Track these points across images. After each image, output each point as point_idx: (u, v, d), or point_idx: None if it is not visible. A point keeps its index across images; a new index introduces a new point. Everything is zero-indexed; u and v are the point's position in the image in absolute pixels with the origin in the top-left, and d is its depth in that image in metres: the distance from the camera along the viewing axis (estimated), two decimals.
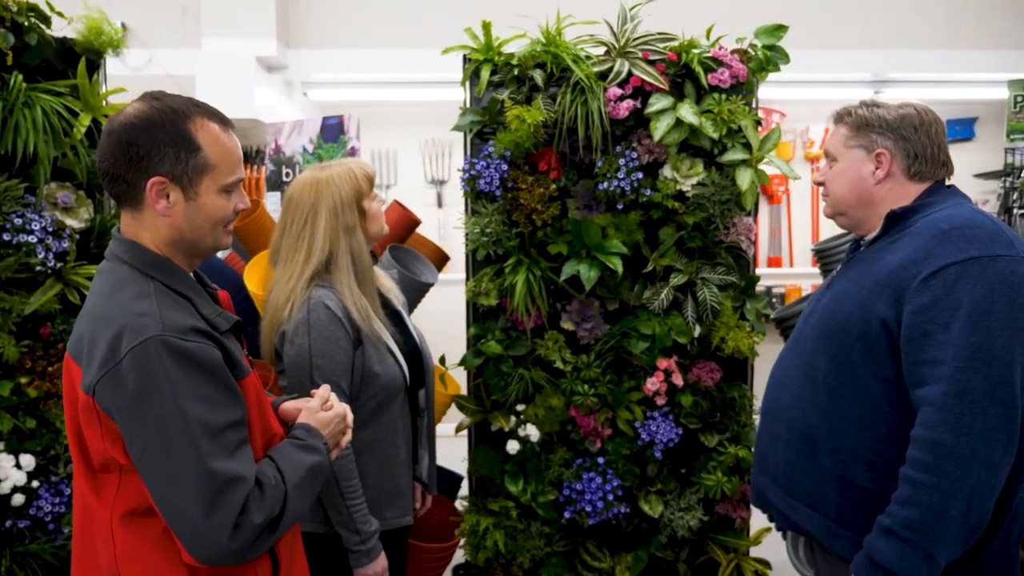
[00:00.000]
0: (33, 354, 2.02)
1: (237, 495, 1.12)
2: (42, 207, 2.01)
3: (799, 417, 1.55)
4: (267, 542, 1.17)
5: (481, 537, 2.41)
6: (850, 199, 1.56)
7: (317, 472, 1.27)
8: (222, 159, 1.20)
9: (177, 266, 1.23)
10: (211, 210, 1.21)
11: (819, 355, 1.52)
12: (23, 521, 1.99)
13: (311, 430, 1.32)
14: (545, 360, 2.43)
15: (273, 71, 4.21)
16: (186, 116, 1.19)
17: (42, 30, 2.05)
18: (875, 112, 1.52)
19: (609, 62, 2.32)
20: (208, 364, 1.14)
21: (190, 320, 1.16)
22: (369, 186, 1.77)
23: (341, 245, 1.70)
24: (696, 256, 2.42)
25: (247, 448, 1.18)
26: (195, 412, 1.11)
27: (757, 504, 1.72)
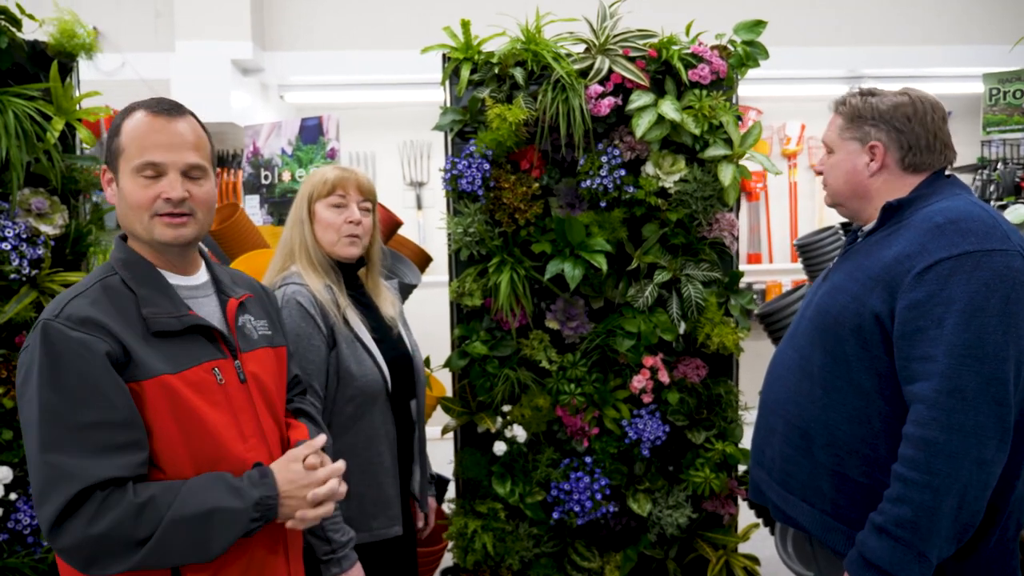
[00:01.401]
0: (8, 364, 1.97)
1: (62, 492, 1.08)
2: (15, 213, 1.96)
3: (794, 411, 1.54)
4: (128, 560, 1.11)
5: (469, 540, 2.39)
6: (846, 191, 1.56)
7: (220, 517, 1.16)
8: (132, 141, 1.22)
9: (144, 263, 1.26)
10: (127, 194, 1.23)
11: (814, 349, 1.51)
12: (1, 535, 1.94)
13: (265, 476, 1.23)
14: (531, 360, 2.42)
15: (249, 74, 4.17)
16: (129, 112, 1.25)
17: (13, 33, 2.01)
18: (869, 102, 1.50)
19: (589, 59, 2.32)
20: (81, 355, 1.12)
21: (93, 312, 1.16)
22: (326, 191, 1.75)
23: (295, 234, 1.77)
24: (680, 253, 2.42)
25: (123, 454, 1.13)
26: (49, 400, 1.11)
27: (754, 498, 1.71)
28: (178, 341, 1.22)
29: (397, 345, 1.84)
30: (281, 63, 4.29)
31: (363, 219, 1.78)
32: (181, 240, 1.25)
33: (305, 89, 4.49)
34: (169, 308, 1.23)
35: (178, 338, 1.22)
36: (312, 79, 4.39)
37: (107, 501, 1.09)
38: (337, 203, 1.75)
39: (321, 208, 1.74)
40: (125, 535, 1.10)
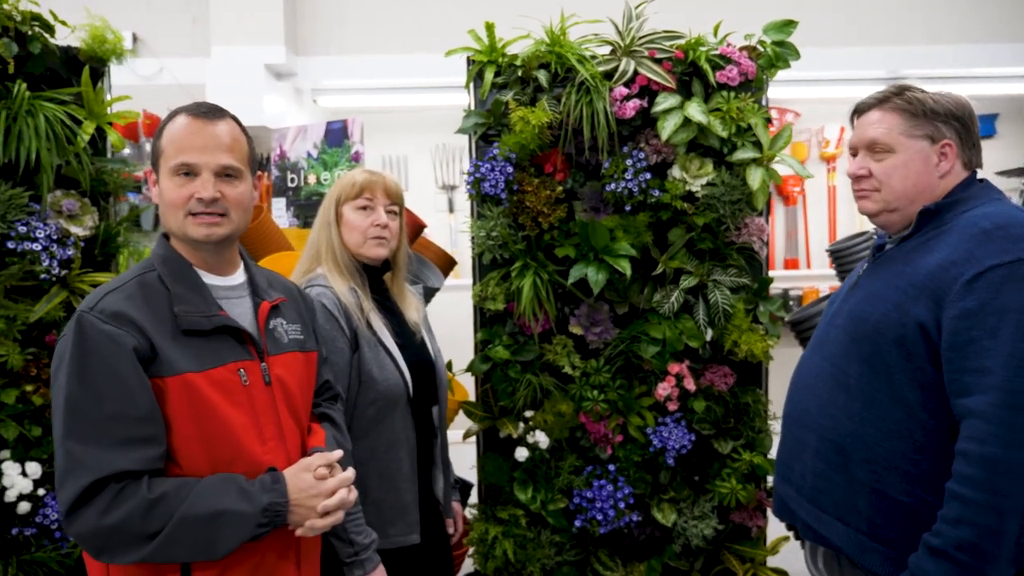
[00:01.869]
0: (38, 362, 2.02)
1: (77, 481, 1.12)
2: (46, 215, 2.01)
3: (828, 424, 1.47)
4: (138, 552, 1.14)
5: (490, 546, 2.37)
6: (911, 194, 1.44)
7: (229, 519, 1.18)
8: (171, 142, 1.27)
9: (181, 261, 1.30)
10: (164, 193, 1.28)
11: (850, 359, 1.44)
12: (29, 529, 1.98)
13: (277, 482, 1.26)
14: (553, 365, 2.39)
15: (282, 78, 4.22)
16: (172, 116, 1.29)
17: (46, 39, 2.06)
18: (933, 98, 1.41)
19: (615, 61, 2.29)
20: (109, 349, 1.16)
21: (126, 307, 1.20)
22: (354, 193, 1.76)
23: (323, 235, 1.77)
24: (707, 258, 2.38)
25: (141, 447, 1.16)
26: (73, 390, 1.15)
27: (780, 515, 1.64)
28: (206, 340, 1.25)
29: (420, 351, 1.83)
30: (314, 67, 4.33)
31: (390, 222, 1.78)
32: (213, 238, 1.28)
33: (338, 93, 4.53)
34: (201, 307, 1.26)
35: (207, 337, 1.25)
36: (344, 83, 4.43)
37: (121, 494, 1.13)
38: (364, 206, 1.76)
39: (348, 211, 1.75)
40: (135, 528, 1.13)
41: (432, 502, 1.90)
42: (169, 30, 4.22)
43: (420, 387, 1.79)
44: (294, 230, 2.62)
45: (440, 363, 1.89)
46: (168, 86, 4.06)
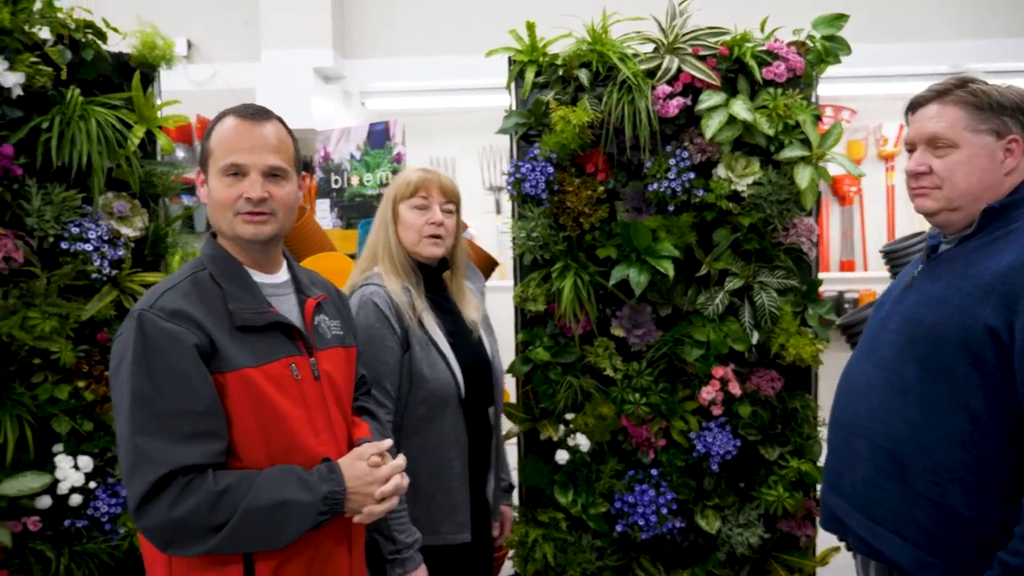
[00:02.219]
0: (90, 359, 2.07)
1: (146, 475, 1.14)
2: (98, 216, 2.07)
3: (883, 432, 1.40)
4: (205, 544, 1.17)
5: (530, 549, 2.35)
6: (976, 191, 1.36)
7: (292, 509, 1.22)
8: (219, 143, 1.29)
9: (232, 260, 1.32)
10: (214, 193, 1.30)
11: (906, 363, 1.37)
12: (81, 521, 2.04)
13: (334, 471, 1.29)
14: (595, 367, 2.36)
15: (330, 81, 4.28)
16: (220, 117, 1.31)
17: (98, 46, 2.12)
18: (999, 91, 1.34)
19: (657, 59, 2.25)
20: (171, 346, 1.19)
21: (185, 305, 1.23)
22: (409, 192, 1.77)
23: (380, 235, 1.79)
24: (753, 259, 2.32)
25: (205, 442, 1.19)
26: (139, 386, 1.17)
27: (829, 528, 1.57)
28: (259, 336, 1.28)
29: (475, 350, 1.83)
30: (361, 70, 4.38)
31: (445, 220, 1.78)
32: (261, 237, 1.31)
33: (386, 95, 4.57)
34: (252, 304, 1.29)
35: (259, 333, 1.28)
36: (391, 85, 4.47)
37: (188, 487, 1.16)
38: (420, 204, 1.76)
39: (404, 209, 1.76)
40: (203, 520, 1.16)
41: (484, 503, 1.89)
42: (221, 36, 4.32)
43: (474, 387, 1.78)
44: (337, 231, 2.65)
45: (497, 364, 1.88)
46: (220, 91, 4.15)
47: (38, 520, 1.99)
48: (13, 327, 1.89)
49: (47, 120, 1.96)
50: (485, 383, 1.83)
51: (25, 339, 1.90)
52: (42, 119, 1.97)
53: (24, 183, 1.98)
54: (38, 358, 1.97)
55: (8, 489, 1.91)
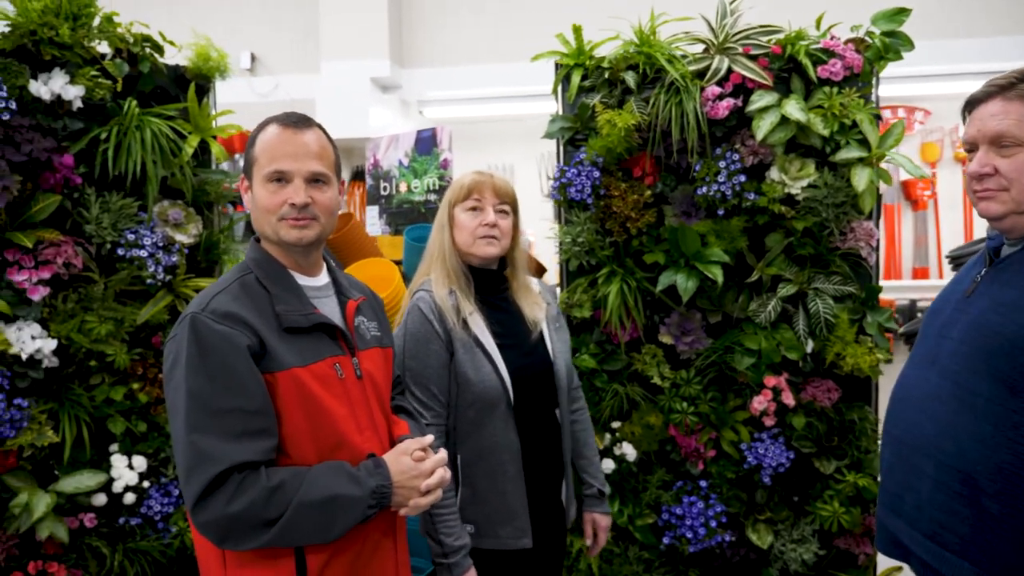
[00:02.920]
0: (145, 362, 2.14)
1: (204, 472, 1.17)
2: (153, 223, 2.14)
3: (952, 451, 1.29)
4: (259, 539, 1.20)
5: (575, 559, 2.31)
6: None
7: (341, 504, 1.25)
8: (263, 151, 1.32)
9: (279, 264, 1.36)
10: (259, 199, 1.33)
11: (978, 376, 1.27)
12: (135, 519, 2.11)
13: (380, 466, 1.32)
14: (642, 375, 2.31)
15: (388, 91, 4.34)
16: (263, 125, 1.35)
17: (155, 59, 2.19)
18: None
19: (707, 60, 2.19)
20: (224, 347, 1.22)
21: (235, 307, 1.26)
22: (464, 194, 1.76)
23: (436, 239, 1.79)
24: (807, 264, 2.23)
25: (256, 439, 1.22)
26: (195, 386, 1.20)
27: (888, 552, 1.47)
28: (305, 337, 1.32)
29: (532, 351, 1.80)
30: (418, 79, 4.43)
31: (499, 221, 1.77)
32: (304, 241, 1.34)
33: (443, 104, 4.60)
34: (298, 306, 1.33)
35: (305, 335, 1.32)
36: (448, 94, 4.50)
37: (243, 483, 1.19)
38: (473, 207, 1.76)
39: (459, 212, 1.76)
40: (257, 515, 1.19)
41: (554, 508, 1.84)
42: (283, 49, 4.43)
43: (529, 389, 1.75)
44: (386, 238, 2.67)
45: (559, 363, 1.84)
46: (282, 102, 4.26)
47: (94, 517, 2.06)
48: (71, 330, 1.97)
49: (105, 131, 2.04)
50: (545, 385, 1.80)
51: (82, 342, 1.98)
52: (100, 130, 2.05)
53: (84, 192, 2.07)
54: (94, 360, 2.05)
55: (65, 486, 1.99)
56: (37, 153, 1.98)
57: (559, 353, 1.84)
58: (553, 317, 1.89)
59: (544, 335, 1.83)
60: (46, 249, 1.99)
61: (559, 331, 1.89)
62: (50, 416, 2.02)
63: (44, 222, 2.02)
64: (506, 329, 1.76)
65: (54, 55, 2.00)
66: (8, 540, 1.99)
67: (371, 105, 4.11)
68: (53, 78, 1.99)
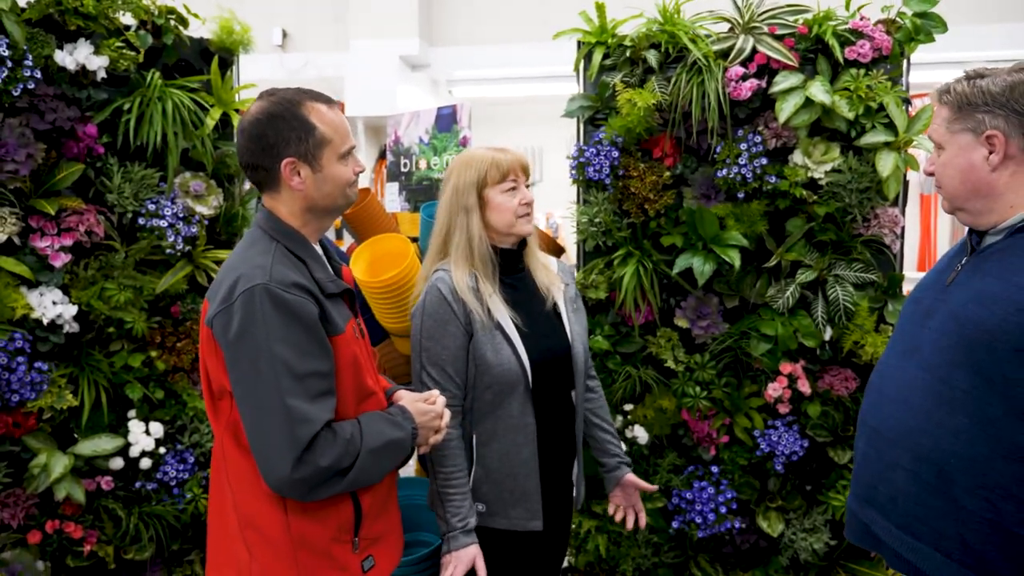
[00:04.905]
0: (163, 330, 2.18)
1: (304, 433, 1.26)
2: (174, 194, 2.16)
3: (928, 443, 1.30)
4: (335, 487, 1.31)
5: (583, 540, 2.32)
6: (963, 191, 1.33)
7: (395, 446, 1.40)
8: (335, 132, 1.40)
9: (301, 235, 1.42)
10: (336, 176, 1.41)
11: (956, 368, 1.27)
12: (151, 484, 2.15)
13: (405, 411, 1.46)
14: (656, 358, 2.29)
15: (417, 69, 4.34)
16: (298, 103, 1.38)
17: (179, 31, 2.21)
18: (978, 86, 1.29)
19: (731, 39, 2.15)
20: (302, 315, 1.30)
21: (296, 277, 1.33)
22: (500, 176, 1.74)
23: (457, 223, 1.74)
24: (828, 251, 2.19)
25: (328, 398, 1.33)
26: (282, 353, 1.27)
27: (860, 541, 1.48)
28: (335, 302, 1.42)
29: (551, 333, 1.79)
30: (448, 58, 4.41)
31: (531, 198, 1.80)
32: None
33: (472, 83, 4.59)
34: (327, 273, 1.43)
35: (334, 299, 1.42)
36: (478, 73, 4.48)
37: (328, 439, 1.30)
38: (511, 187, 1.75)
39: (495, 194, 1.73)
40: (338, 465, 1.31)
41: (564, 490, 1.84)
42: (314, 26, 4.44)
43: (548, 371, 1.75)
44: (406, 214, 2.68)
45: (577, 345, 1.82)
46: (312, 79, 4.28)
47: (111, 480, 2.11)
48: (92, 297, 2.01)
49: (128, 102, 2.07)
50: (563, 367, 1.79)
51: (102, 308, 2.02)
52: (124, 101, 2.07)
53: (106, 161, 2.10)
54: (113, 327, 2.08)
55: (83, 449, 2.04)
56: (61, 122, 2.01)
57: (577, 335, 1.83)
58: (571, 298, 1.87)
59: (562, 316, 1.82)
60: (69, 217, 2.03)
61: (577, 312, 1.87)
62: (69, 380, 2.06)
63: (67, 190, 2.05)
64: (525, 310, 1.75)
65: (79, 25, 2.03)
66: (28, 500, 2.04)
67: (400, 83, 4.12)
68: (78, 48, 2.02)
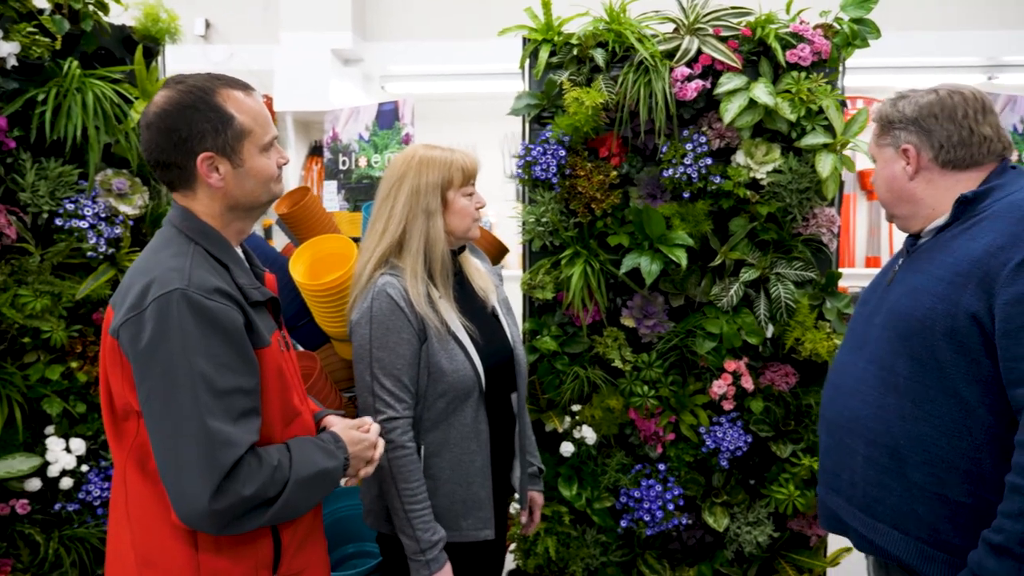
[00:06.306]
0: (84, 339, 2.03)
1: (225, 458, 1.12)
2: (95, 193, 2.02)
3: (880, 429, 1.40)
4: (257, 520, 1.17)
5: (532, 543, 2.29)
6: (891, 198, 1.53)
7: (326, 477, 1.27)
8: (255, 121, 1.26)
9: (222, 236, 1.28)
10: (258, 171, 1.28)
11: (897, 358, 1.38)
12: (72, 504, 2.00)
13: (339, 440, 1.34)
14: (603, 358, 2.29)
15: (349, 64, 4.21)
16: (212, 91, 1.24)
17: (99, 17, 2.06)
18: (897, 107, 1.49)
19: (677, 40, 2.16)
20: (225, 325, 1.17)
21: (218, 282, 1.20)
22: (463, 179, 1.68)
23: (416, 226, 1.64)
24: (770, 250, 2.23)
25: (252, 418, 1.20)
26: (201, 367, 1.13)
27: (829, 527, 1.58)
28: (258, 311, 1.29)
29: (494, 336, 1.76)
30: (382, 53, 4.30)
31: None
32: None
33: (406, 79, 4.49)
34: (251, 280, 1.29)
35: (259, 308, 1.29)
36: (411, 69, 4.39)
37: (252, 465, 1.16)
38: (471, 191, 1.71)
39: (458, 197, 1.67)
40: (263, 495, 1.17)
41: (506, 494, 1.83)
42: (240, 16, 4.26)
43: (496, 376, 1.71)
44: (345, 214, 2.59)
45: (519, 349, 1.80)
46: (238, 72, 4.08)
47: (27, 503, 1.95)
48: (3, 305, 1.85)
49: (43, 92, 1.91)
50: (507, 370, 1.76)
51: (15, 317, 1.86)
52: (38, 91, 1.92)
53: (18, 157, 1.94)
54: (29, 337, 1.93)
55: None
56: None
57: (516, 338, 1.82)
58: (503, 300, 1.86)
59: (500, 319, 1.80)
60: None
61: (509, 314, 1.86)
62: None
63: None
64: (469, 315, 1.71)
65: None
66: None
67: (332, 78, 3.99)
68: None
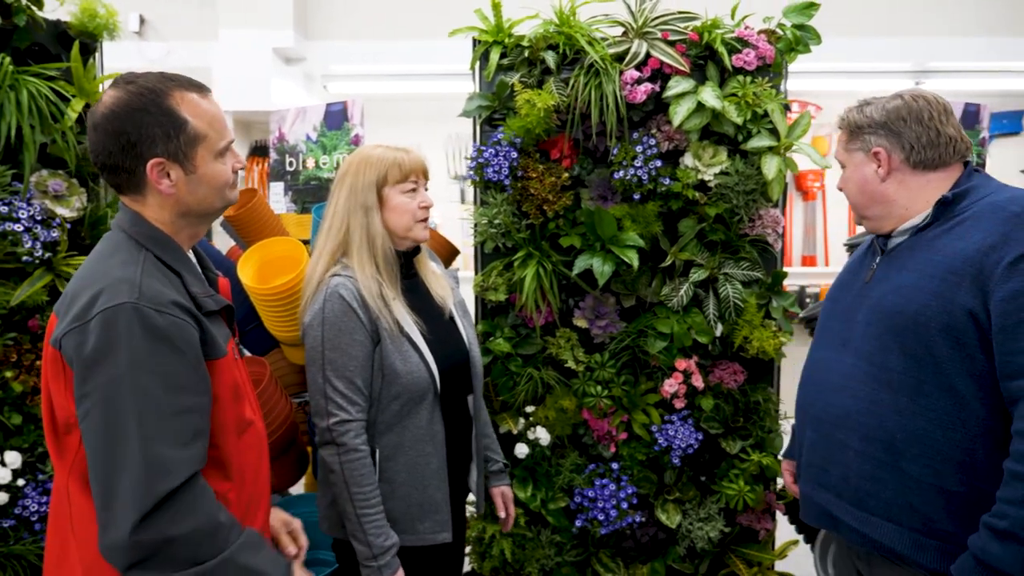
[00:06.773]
0: (20, 347, 1.95)
1: (161, 486, 1.05)
2: (30, 195, 1.94)
3: (874, 424, 1.44)
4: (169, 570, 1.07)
5: (487, 545, 2.29)
6: (863, 201, 1.57)
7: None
8: (210, 126, 1.21)
9: (174, 242, 1.23)
10: (212, 177, 1.23)
11: (888, 354, 1.43)
12: (7, 520, 1.92)
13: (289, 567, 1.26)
14: (556, 359, 2.30)
15: (291, 63, 4.14)
16: (164, 93, 1.18)
17: (33, 12, 1.98)
18: (864, 112, 1.54)
19: (626, 43, 2.18)
20: (178, 341, 1.11)
21: (171, 293, 1.14)
22: (401, 176, 1.67)
23: (356, 222, 1.64)
24: (718, 250, 2.27)
25: (199, 440, 1.12)
26: (148, 385, 1.07)
27: (818, 522, 1.60)
28: (215, 320, 1.24)
29: (449, 338, 1.75)
30: (324, 52, 4.24)
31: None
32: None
33: (348, 79, 4.43)
34: (204, 288, 1.24)
35: (214, 317, 1.24)
36: (354, 69, 4.34)
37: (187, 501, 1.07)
38: (411, 188, 1.69)
39: (394, 194, 1.66)
40: (192, 547, 1.07)
41: (463, 497, 1.82)
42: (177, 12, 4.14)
43: (451, 378, 1.70)
44: (292, 216, 2.54)
45: (475, 351, 1.80)
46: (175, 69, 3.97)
47: None
48: None
49: None
50: (463, 372, 1.75)
51: None
52: None
53: None
54: None
55: None
56: None
57: (472, 340, 1.82)
58: (459, 303, 1.86)
59: (456, 321, 1.80)
60: None
61: (466, 317, 1.87)
62: None
63: None
64: (424, 316, 1.70)
65: None
66: None
67: (273, 77, 3.92)
68: None
